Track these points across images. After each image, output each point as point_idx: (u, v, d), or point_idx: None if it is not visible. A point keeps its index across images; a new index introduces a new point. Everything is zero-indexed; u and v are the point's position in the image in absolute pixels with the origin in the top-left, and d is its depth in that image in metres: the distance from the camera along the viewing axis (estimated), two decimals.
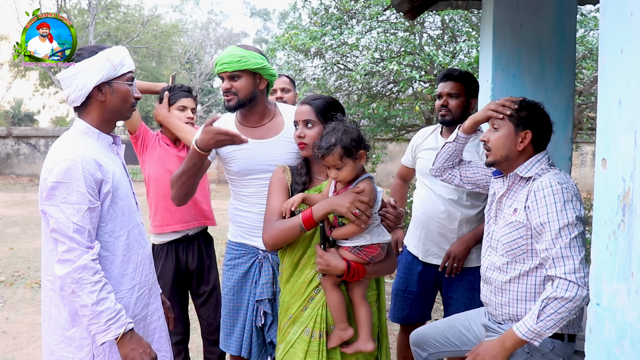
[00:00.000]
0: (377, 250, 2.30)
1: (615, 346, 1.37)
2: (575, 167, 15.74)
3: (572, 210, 2.19)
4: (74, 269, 1.98)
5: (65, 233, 2.00)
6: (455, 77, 3.15)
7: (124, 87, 2.20)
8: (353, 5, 7.86)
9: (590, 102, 8.29)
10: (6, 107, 32.51)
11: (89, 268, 1.99)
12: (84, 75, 2.11)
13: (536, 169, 2.34)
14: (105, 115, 2.21)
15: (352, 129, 2.23)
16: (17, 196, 13.98)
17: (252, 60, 2.59)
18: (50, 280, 2.13)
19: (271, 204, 2.42)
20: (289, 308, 2.40)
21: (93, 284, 1.99)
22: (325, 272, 2.26)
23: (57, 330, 2.14)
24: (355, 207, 2.15)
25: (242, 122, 2.73)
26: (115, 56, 2.16)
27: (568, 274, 2.13)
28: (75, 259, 1.99)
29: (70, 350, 2.12)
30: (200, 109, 26.69)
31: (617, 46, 1.37)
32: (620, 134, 1.36)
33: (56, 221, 2.01)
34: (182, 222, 3.37)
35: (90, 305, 1.99)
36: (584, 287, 2.11)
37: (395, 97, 8.64)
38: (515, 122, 2.37)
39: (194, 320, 3.89)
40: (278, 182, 2.46)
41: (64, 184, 2.01)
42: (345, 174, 2.22)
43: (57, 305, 2.13)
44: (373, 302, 2.45)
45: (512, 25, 3.38)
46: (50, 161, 2.07)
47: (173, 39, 24.37)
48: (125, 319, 2.06)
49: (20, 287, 6.21)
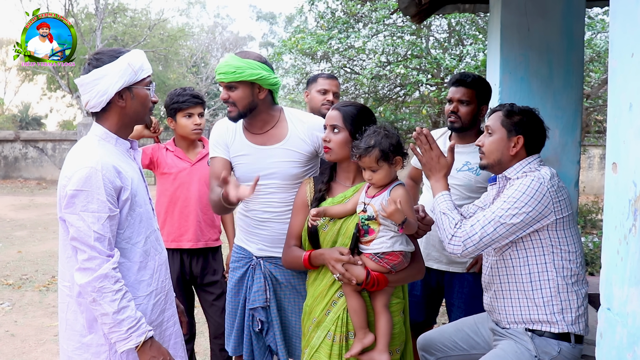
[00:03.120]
0: (399, 258, 2.28)
1: (627, 351, 1.36)
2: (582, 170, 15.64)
3: (527, 205, 2.25)
4: (94, 277, 1.96)
5: (85, 242, 1.98)
6: (467, 83, 3.08)
7: (144, 92, 2.17)
8: (360, 8, 7.87)
9: (597, 105, 8.26)
10: (14, 111, 32.66)
11: (110, 277, 1.98)
12: (106, 81, 2.06)
13: (524, 169, 2.41)
14: (125, 120, 2.17)
15: (393, 134, 2.28)
16: (25, 199, 14.04)
17: (247, 71, 2.51)
18: (68, 287, 2.12)
19: (291, 224, 2.54)
20: (312, 311, 2.41)
21: (114, 292, 1.98)
22: (344, 281, 2.26)
23: (73, 337, 2.12)
24: (336, 270, 2.25)
25: (247, 128, 2.72)
26: (135, 61, 2.12)
27: (465, 231, 2.28)
28: (96, 267, 1.97)
29: (86, 357, 2.10)
30: (207, 112, 26.77)
31: (628, 50, 1.36)
32: (631, 138, 1.35)
33: (77, 229, 1.99)
34: (187, 240, 3.38)
35: (112, 314, 1.97)
36: (458, 252, 2.30)
37: (402, 101, 8.65)
38: (508, 127, 2.44)
39: (201, 324, 3.89)
40: (299, 200, 2.53)
41: (84, 192, 1.98)
42: (379, 177, 2.27)
43: (74, 312, 2.12)
44: (398, 311, 2.42)
45: (520, 28, 3.38)
46: (70, 168, 2.04)
47: (180, 43, 24.43)
48: (145, 326, 2.05)
49: (28, 290, 6.24)
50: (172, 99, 3.40)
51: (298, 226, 2.50)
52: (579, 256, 2.37)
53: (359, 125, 2.36)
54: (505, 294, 2.43)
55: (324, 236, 2.39)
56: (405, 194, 2.27)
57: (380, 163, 2.24)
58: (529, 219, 2.26)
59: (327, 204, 2.42)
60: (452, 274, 3.19)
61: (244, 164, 2.68)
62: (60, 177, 2.07)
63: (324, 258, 2.33)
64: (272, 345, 2.68)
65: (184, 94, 3.39)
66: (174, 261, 3.35)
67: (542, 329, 2.34)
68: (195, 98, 3.40)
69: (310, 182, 2.54)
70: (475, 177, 3.06)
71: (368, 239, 2.28)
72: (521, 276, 2.38)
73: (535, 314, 2.34)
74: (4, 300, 5.83)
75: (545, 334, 2.33)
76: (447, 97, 3.18)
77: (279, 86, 2.74)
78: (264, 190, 2.62)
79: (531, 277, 2.35)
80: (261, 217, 2.67)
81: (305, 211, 2.48)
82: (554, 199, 2.28)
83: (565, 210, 2.32)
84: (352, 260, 2.26)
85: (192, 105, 3.38)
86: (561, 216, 2.31)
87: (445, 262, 3.19)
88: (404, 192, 2.27)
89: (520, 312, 2.38)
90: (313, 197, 2.48)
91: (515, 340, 2.38)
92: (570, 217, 2.36)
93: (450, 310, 3.25)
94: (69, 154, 2.13)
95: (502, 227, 2.26)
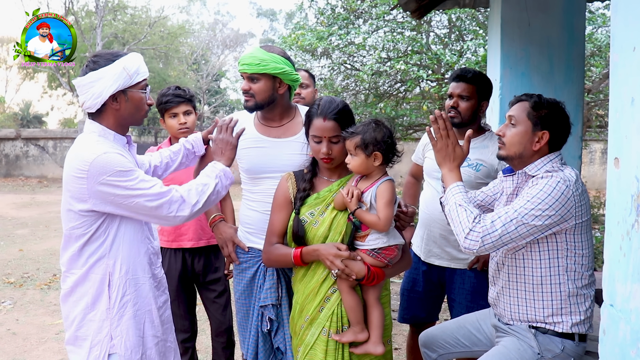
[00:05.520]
0: (395, 252, 2.32)
1: (630, 348, 1.35)
2: (584, 165, 15.65)
3: (551, 208, 2.15)
4: (184, 206, 2.20)
5: (143, 205, 2.12)
6: (468, 78, 3.05)
7: (138, 95, 2.23)
8: (359, 4, 7.85)
9: (599, 99, 8.24)
10: (15, 109, 32.67)
11: (179, 196, 2.19)
12: (101, 84, 2.13)
13: (546, 167, 2.31)
14: (120, 121, 2.24)
15: (385, 131, 2.30)
16: (26, 198, 14.05)
17: (271, 64, 2.55)
18: (75, 273, 2.20)
19: (272, 222, 2.50)
20: (303, 309, 2.40)
21: (196, 194, 2.24)
22: (343, 277, 2.26)
23: (78, 316, 2.21)
24: (335, 266, 2.24)
25: (261, 121, 2.73)
26: (131, 65, 2.18)
27: (485, 227, 2.15)
28: (175, 207, 2.18)
29: (91, 331, 2.20)
30: (208, 109, 26.74)
31: (629, 44, 1.35)
32: (633, 132, 1.34)
33: (133, 204, 2.11)
34: (188, 240, 3.36)
35: (206, 195, 2.26)
36: (474, 249, 2.16)
37: (402, 97, 8.63)
38: (534, 120, 2.31)
39: (202, 322, 3.89)
40: (281, 196, 2.50)
41: (99, 169, 2.07)
42: (353, 163, 2.31)
43: (78, 293, 2.21)
44: (387, 303, 2.45)
45: (520, 23, 3.36)
46: (76, 159, 2.11)
47: (180, 40, 24.37)
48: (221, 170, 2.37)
49: (29, 288, 6.24)
50: (158, 100, 3.33)
51: (281, 223, 2.47)
52: (590, 260, 2.31)
53: (352, 119, 2.41)
54: (512, 292, 2.38)
55: (314, 232, 2.37)
56: (387, 190, 2.29)
57: (357, 150, 2.28)
58: (551, 222, 2.17)
59: (313, 200, 2.42)
60: (454, 270, 3.18)
61: (255, 155, 2.68)
62: (69, 170, 2.13)
63: (319, 254, 2.31)
64: (281, 345, 2.61)
65: (167, 94, 3.31)
66: (176, 260, 3.34)
67: (546, 327, 2.31)
68: (178, 97, 3.30)
69: (291, 177, 2.52)
70: (475, 173, 3.04)
71: (362, 234, 2.30)
72: (532, 277, 2.31)
73: (541, 315, 2.31)
74: (5, 299, 5.83)
75: (549, 332, 2.30)
76: (447, 93, 3.16)
77: (299, 83, 2.77)
78: (275, 184, 2.61)
79: (542, 279, 2.29)
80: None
81: (288, 207, 2.46)
82: (577, 203, 2.20)
83: (585, 214, 2.25)
84: (351, 255, 2.26)
85: (175, 104, 3.29)
86: (580, 221, 2.24)
87: (446, 259, 3.18)
88: (385, 188, 2.30)
89: (525, 312, 2.35)
90: (296, 194, 2.46)
91: (518, 337, 2.35)
92: (588, 222, 2.29)
93: (452, 306, 3.24)
94: (71, 151, 2.19)
95: (523, 227, 2.16)
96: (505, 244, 2.19)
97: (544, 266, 2.28)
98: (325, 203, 2.41)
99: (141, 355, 2.24)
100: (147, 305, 2.28)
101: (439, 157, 2.38)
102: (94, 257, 2.17)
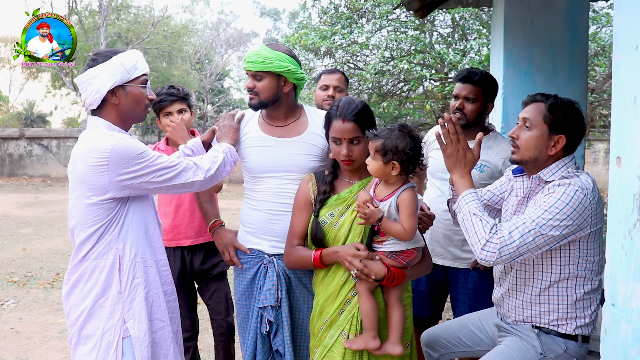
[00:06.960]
0: (414, 254, 2.30)
1: (632, 348, 1.35)
2: (587, 165, 15.62)
3: (569, 218, 2.09)
4: (199, 171, 2.32)
5: (162, 178, 2.21)
6: (475, 80, 3.01)
7: (138, 90, 2.27)
8: (363, 4, 7.85)
9: (602, 99, 8.22)
10: (19, 109, 32.78)
11: (191, 164, 2.32)
12: (98, 80, 2.19)
13: (561, 172, 2.23)
14: (121, 116, 2.29)
15: (408, 141, 2.21)
16: (29, 197, 14.08)
17: (276, 62, 2.53)
18: (82, 265, 2.23)
19: (293, 223, 2.49)
20: (323, 311, 2.38)
21: (208, 163, 2.37)
22: (362, 277, 2.25)
23: (89, 304, 2.22)
24: (354, 266, 2.24)
25: (266, 120, 2.72)
26: (128, 60, 2.23)
27: (503, 239, 2.08)
28: (191, 173, 2.30)
29: (99, 323, 2.21)
30: (211, 109, 26.75)
31: (632, 42, 1.35)
32: (636, 131, 1.33)
33: (143, 177, 2.18)
34: (187, 238, 3.35)
35: (217, 164, 2.39)
36: (491, 260, 2.09)
37: (405, 96, 8.62)
38: (550, 124, 2.21)
39: (204, 321, 3.89)
40: (301, 198, 2.48)
41: (119, 154, 2.12)
42: (372, 167, 2.27)
43: (87, 282, 2.23)
44: (409, 305, 2.43)
45: (524, 22, 3.36)
46: (93, 151, 2.14)
47: (183, 40, 24.38)
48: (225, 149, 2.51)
49: (33, 287, 6.25)
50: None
51: (301, 225, 2.46)
52: (600, 264, 2.26)
53: (372, 120, 2.38)
54: (519, 295, 2.35)
55: (334, 234, 2.36)
56: (409, 198, 2.24)
57: (376, 155, 2.23)
58: (568, 231, 2.10)
59: (333, 201, 2.40)
60: (457, 270, 3.18)
61: (259, 154, 2.66)
62: (79, 164, 2.17)
63: (338, 256, 2.29)
64: (279, 347, 2.57)
65: (160, 93, 3.28)
66: (175, 259, 3.34)
67: (549, 328, 2.29)
68: (171, 96, 3.27)
69: (312, 179, 2.51)
70: (479, 175, 3.03)
71: (380, 239, 2.29)
72: (540, 282, 2.28)
73: (546, 318, 2.29)
74: (9, 298, 5.85)
75: (552, 332, 2.28)
76: (452, 93, 3.12)
77: (305, 82, 2.74)
78: (280, 183, 2.61)
79: (550, 284, 2.26)
80: (276, 210, 2.62)
81: (308, 209, 2.46)
82: (593, 211, 2.13)
83: (600, 222, 2.19)
84: (370, 255, 2.25)
85: (168, 103, 3.26)
86: (595, 229, 2.18)
87: (449, 258, 3.18)
88: (407, 197, 2.24)
89: (530, 314, 2.33)
90: (317, 196, 2.45)
91: (520, 337, 2.34)
92: (601, 229, 2.24)
93: (455, 305, 3.24)
94: (78, 146, 2.24)
95: (540, 238, 2.09)
96: (522, 255, 2.12)
97: (554, 272, 2.24)
98: (345, 204, 2.39)
99: (151, 339, 2.27)
100: (155, 289, 2.32)
101: (449, 163, 2.31)
102: (105, 242, 2.21)
